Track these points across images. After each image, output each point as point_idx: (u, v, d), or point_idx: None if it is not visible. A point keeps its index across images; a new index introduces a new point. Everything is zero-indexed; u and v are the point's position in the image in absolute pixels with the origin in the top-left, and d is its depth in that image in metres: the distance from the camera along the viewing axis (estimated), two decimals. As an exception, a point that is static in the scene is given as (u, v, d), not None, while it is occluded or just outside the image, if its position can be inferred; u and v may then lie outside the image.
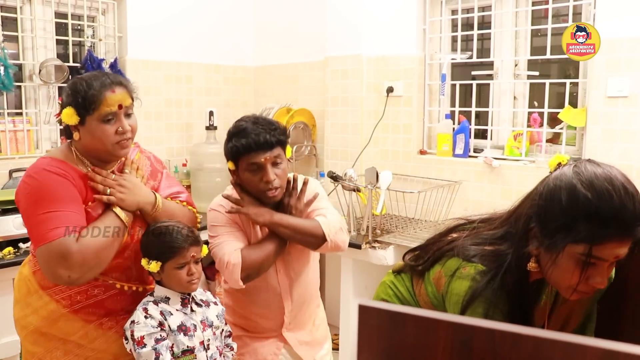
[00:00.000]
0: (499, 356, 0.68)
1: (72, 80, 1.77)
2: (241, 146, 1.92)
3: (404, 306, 0.70)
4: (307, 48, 4.09)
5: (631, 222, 1.20)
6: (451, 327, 0.70)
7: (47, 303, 1.77)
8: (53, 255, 1.62)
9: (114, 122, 1.73)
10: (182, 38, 4.07)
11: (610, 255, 1.23)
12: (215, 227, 2.02)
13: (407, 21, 3.63)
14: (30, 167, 1.74)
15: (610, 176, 1.25)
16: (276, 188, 1.96)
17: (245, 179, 1.98)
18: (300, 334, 2.17)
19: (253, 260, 1.92)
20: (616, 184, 1.23)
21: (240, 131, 1.95)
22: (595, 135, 2.89)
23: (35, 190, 1.67)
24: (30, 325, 1.80)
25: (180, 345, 1.78)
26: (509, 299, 1.36)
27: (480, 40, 3.54)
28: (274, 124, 1.99)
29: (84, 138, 1.75)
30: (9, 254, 2.71)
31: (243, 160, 1.95)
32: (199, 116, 4.17)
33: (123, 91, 1.76)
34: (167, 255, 1.78)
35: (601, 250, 1.22)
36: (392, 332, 0.73)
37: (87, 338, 1.81)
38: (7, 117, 3.35)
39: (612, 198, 1.21)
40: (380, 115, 3.67)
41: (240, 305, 2.14)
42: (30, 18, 3.42)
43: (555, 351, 0.66)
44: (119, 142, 1.75)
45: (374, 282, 3.30)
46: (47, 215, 1.64)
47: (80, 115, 1.71)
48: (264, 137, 1.91)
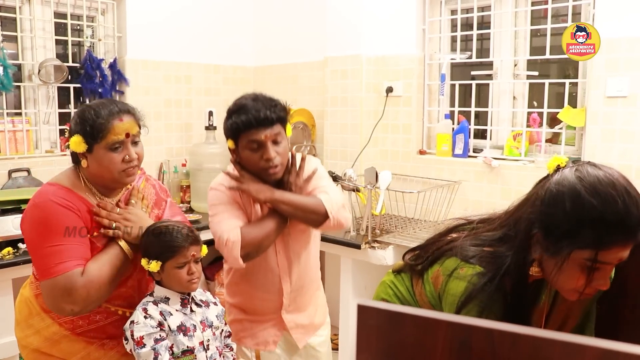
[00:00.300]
0: (498, 356, 0.68)
1: (81, 108, 1.78)
2: (241, 123, 1.90)
3: (403, 306, 0.70)
4: (306, 48, 4.09)
5: (635, 226, 1.22)
6: (450, 327, 0.70)
7: (49, 325, 1.79)
8: (58, 289, 1.64)
9: (121, 150, 1.75)
10: (182, 38, 4.07)
11: (615, 259, 1.24)
12: (215, 206, 2.00)
13: (406, 21, 3.63)
14: (36, 195, 1.74)
15: (613, 180, 1.25)
16: (277, 166, 1.95)
17: (245, 157, 1.96)
18: (298, 317, 2.16)
19: (252, 238, 1.89)
20: (619, 189, 1.23)
21: (240, 108, 1.93)
22: (595, 135, 2.89)
23: (41, 222, 1.68)
24: (31, 345, 1.82)
25: (180, 346, 1.78)
26: (505, 301, 1.36)
27: (480, 40, 3.54)
28: (274, 100, 1.97)
29: (91, 166, 1.76)
30: (8, 254, 2.71)
31: (243, 138, 1.94)
32: (198, 116, 4.17)
33: (130, 119, 1.78)
34: (167, 255, 1.78)
35: (607, 255, 1.23)
36: (391, 332, 0.72)
37: (89, 358, 1.82)
38: (7, 117, 3.34)
39: (617, 203, 1.21)
40: (380, 116, 3.67)
41: (240, 287, 2.13)
42: (30, 18, 3.42)
43: (553, 351, 0.66)
44: (126, 169, 1.76)
45: (373, 282, 3.30)
46: (52, 248, 1.65)
47: (88, 144, 1.72)
48: (264, 114, 1.90)
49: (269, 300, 2.11)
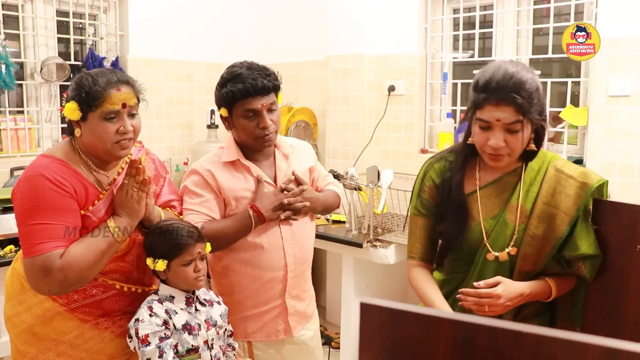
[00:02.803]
0: (501, 354, 0.69)
1: (79, 75, 1.73)
2: (238, 91, 1.92)
3: (406, 304, 0.70)
4: (308, 47, 4.09)
5: (496, 88, 1.55)
6: (453, 324, 0.70)
7: (42, 301, 1.74)
8: (35, 269, 1.61)
9: (116, 120, 1.69)
10: (184, 36, 4.07)
11: (492, 117, 1.57)
12: (190, 193, 2.02)
13: (408, 20, 3.63)
14: (29, 167, 1.70)
15: (499, 62, 1.62)
16: (271, 133, 1.99)
17: (239, 125, 1.98)
18: (298, 304, 2.17)
19: (212, 237, 1.91)
20: (496, 65, 1.61)
21: (235, 76, 1.94)
22: (597, 134, 2.89)
23: (30, 197, 1.64)
24: (23, 324, 1.77)
25: (185, 345, 1.77)
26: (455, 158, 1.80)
27: (482, 39, 3.54)
28: (268, 69, 2.00)
29: (84, 135, 1.71)
30: (10, 252, 2.72)
31: (239, 106, 1.95)
32: (200, 115, 4.17)
33: (129, 90, 1.73)
34: (173, 253, 1.77)
35: (484, 113, 1.59)
36: (394, 330, 0.73)
37: (82, 338, 1.78)
38: (9, 116, 3.35)
39: (485, 72, 1.60)
40: (382, 114, 3.67)
41: (244, 276, 2.10)
42: (32, 16, 3.42)
43: (557, 349, 0.66)
44: (119, 141, 1.70)
45: (375, 281, 3.31)
46: (36, 226, 1.62)
47: (83, 111, 1.67)
48: (262, 82, 1.92)
49: (274, 279, 2.09)
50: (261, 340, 2.14)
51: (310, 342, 2.27)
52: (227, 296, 2.11)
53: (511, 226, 1.69)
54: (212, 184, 2.01)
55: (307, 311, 2.24)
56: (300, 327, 2.20)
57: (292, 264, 2.10)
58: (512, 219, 1.69)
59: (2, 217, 2.81)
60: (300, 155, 2.20)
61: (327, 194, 2.23)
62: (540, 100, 1.60)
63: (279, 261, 2.07)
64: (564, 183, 1.67)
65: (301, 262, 2.14)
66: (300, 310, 2.18)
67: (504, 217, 1.70)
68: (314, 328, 2.30)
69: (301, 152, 2.22)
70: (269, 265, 2.06)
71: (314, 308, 2.32)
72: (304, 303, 2.21)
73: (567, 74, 3.35)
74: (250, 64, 1.98)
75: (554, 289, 1.69)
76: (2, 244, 2.78)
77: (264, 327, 2.13)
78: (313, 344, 2.28)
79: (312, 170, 2.24)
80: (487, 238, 1.70)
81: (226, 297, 2.10)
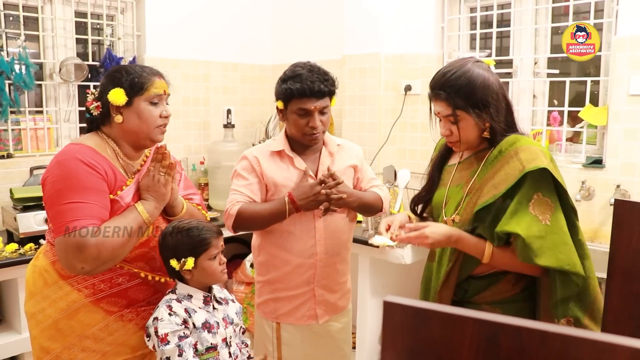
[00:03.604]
0: (526, 354, 0.68)
1: (118, 67, 1.86)
2: (296, 90, 2.07)
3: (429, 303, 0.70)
4: (324, 46, 4.08)
5: (431, 87, 1.82)
6: (477, 323, 0.69)
7: (67, 293, 1.77)
8: (70, 246, 1.64)
9: (159, 105, 1.84)
10: (200, 37, 4.09)
11: (435, 111, 1.85)
12: (238, 175, 2.20)
13: (425, 19, 3.61)
14: (61, 152, 1.75)
15: (451, 62, 1.88)
16: (319, 133, 2.15)
17: (291, 120, 2.14)
18: (327, 295, 2.27)
19: (244, 218, 2.10)
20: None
21: (296, 75, 2.09)
22: (617, 134, 2.85)
23: (62, 178, 1.69)
24: (48, 319, 1.79)
25: (205, 343, 1.77)
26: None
27: (499, 39, 3.51)
28: (327, 74, 2.15)
29: (127, 120, 1.80)
30: (30, 250, 2.74)
31: (294, 103, 2.10)
32: (216, 114, 4.19)
33: (164, 80, 1.89)
34: (200, 249, 1.79)
35: (434, 107, 1.86)
36: (417, 329, 0.72)
37: (107, 330, 1.81)
38: (28, 115, 3.38)
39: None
40: (398, 114, 3.66)
41: (274, 260, 2.24)
42: (51, 17, 3.46)
43: (583, 350, 0.65)
44: (160, 126, 1.84)
45: (391, 282, 3.29)
46: (69, 205, 1.66)
47: (129, 96, 1.78)
48: (318, 86, 2.07)
49: (304, 266, 2.20)
50: (289, 323, 2.27)
51: (339, 335, 2.35)
52: (262, 275, 2.30)
53: (460, 196, 1.87)
54: (257, 170, 2.18)
55: (337, 303, 2.33)
56: (327, 316, 2.30)
57: (323, 253, 2.21)
58: (464, 190, 1.86)
59: (22, 215, 2.84)
60: (346, 155, 2.31)
61: (366, 193, 2.29)
62: (480, 94, 1.75)
63: (309, 249, 2.20)
64: (511, 164, 1.75)
65: (332, 254, 2.24)
66: (329, 300, 2.28)
67: (459, 187, 1.89)
68: (344, 322, 2.38)
69: (348, 152, 2.33)
70: (299, 251, 2.19)
71: (347, 302, 2.40)
72: (335, 295, 2.30)
73: (585, 73, 3.32)
74: (313, 67, 2.13)
75: (487, 251, 1.76)
76: (22, 242, 2.81)
77: (293, 311, 2.25)
78: (341, 337, 2.37)
79: (355, 169, 2.33)
80: (445, 204, 1.92)
81: (261, 276, 2.30)
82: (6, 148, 3.31)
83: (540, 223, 1.70)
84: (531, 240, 1.68)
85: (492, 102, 1.77)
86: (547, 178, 1.72)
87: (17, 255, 2.71)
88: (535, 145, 1.80)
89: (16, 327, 2.84)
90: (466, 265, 1.85)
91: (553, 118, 3.23)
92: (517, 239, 1.71)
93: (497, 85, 1.80)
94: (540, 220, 1.70)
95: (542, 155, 1.74)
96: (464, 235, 1.80)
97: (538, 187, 1.72)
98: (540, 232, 1.69)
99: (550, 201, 1.72)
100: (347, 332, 2.41)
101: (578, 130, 3.16)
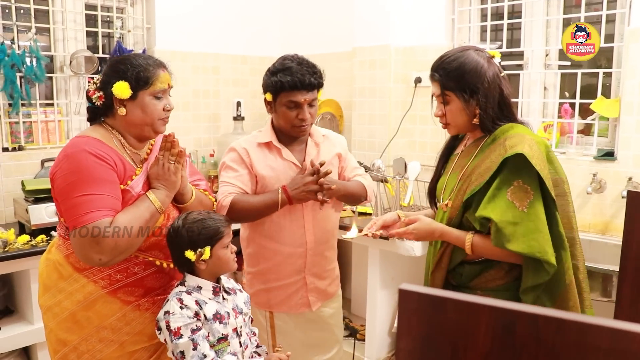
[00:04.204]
0: (543, 341, 0.67)
1: (122, 57, 1.84)
2: (286, 82, 2.10)
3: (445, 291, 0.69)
4: (334, 39, 4.08)
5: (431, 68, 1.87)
6: (493, 311, 0.69)
7: (83, 285, 1.78)
8: (87, 238, 1.65)
9: (162, 99, 1.84)
10: (210, 29, 4.09)
11: (432, 91, 1.91)
12: (227, 167, 2.23)
13: (435, 11, 3.59)
14: (68, 146, 1.75)
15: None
16: (307, 125, 2.18)
17: (280, 112, 2.17)
18: (318, 282, 2.34)
19: (237, 210, 2.11)
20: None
21: (286, 68, 2.12)
22: (629, 126, 2.83)
23: (73, 171, 1.69)
24: (65, 312, 1.80)
25: (216, 334, 1.77)
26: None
27: (510, 30, 3.49)
28: (315, 67, 2.18)
29: (130, 113, 1.80)
30: (42, 242, 2.76)
31: (283, 96, 2.13)
32: (226, 107, 4.19)
33: (168, 72, 1.89)
34: (216, 238, 1.80)
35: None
36: (433, 317, 0.72)
37: (124, 320, 1.82)
38: (39, 108, 3.40)
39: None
40: (408, 106, 3.64)
41: (264, 250, 2.28)
42: (61, 10, 3.47)
43: (601, 337, 0.65)
44: (163, 118, 1.85)
45: (400, 273, 3.29)
46: (82, 198, 1.67)
47: (134, 90, 1.77)
48: (309, 79, 2.11)
49: (294, 255, 2.26)
50: (282, 312, 2.33)
51: (331, 320, 2.43)
52: (252, 266, 2.34)
53: (454, 182, 1.90)
54: (247, 161, 2.21)
55: (327, 290, 2.39)
56: (319, 303, 2.37)
57: (312, 242, 2.27)
58: (458, 177, 1.89)
59: (34, 207, 2.86)
60: (330, 144, 2.35)
61: (351, 182, 2.32)
62: (470, 78, 1.80)
63: (299, 238, 2.25)
64: (497, 151, 1.78)
65: (321, 242, 2.30)
66: (320, 287, 2.35)
67: (455, 175, 1.92)
68: (335, 307, 2.45)
69: (332, 141, 2.37)
70: (289, 241, 2.24)
71: (337, 288, 2.47)
72: (324, 281, 2.36)
73: (597, 65, 3.29)
74: (301, 60, 2.16)
75: (467, 242, 1.79)
76: (34, 234, 2.82)
77: (285, 300, 2.31)
78: (333, 322, 2.45)
79: (340, 157, 2.36)
80: (443, 190, 1.96)
81: (251, 267, 2.35)
82: (17, 140, 3.33)
83: (516, 209, 1.70)
84: (503, 225, 1.70)
85: (481, 89, 1.80)
86: (529, 165, 1.71)
87: (28, 246, 2.73)
88: (528, 133, 1.80)
89: (28, 317, 2.86)
90: (458, 249, 1.86)
91: (564, 110, 3.21)
92: (492, 224, 1.73)
93: (491, 75, 1.81)
94: (516, 206, 1.70)
95: (527, 142, 1.73)
96: (447, 230, 1.85)
97: (519, 174, 1.72)
98: (515, 219, 1.69)
99: (530, 189, 1.72)
100: (339, 316, 2.49)
101: (589, 123, 3.14)
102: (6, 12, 3.24)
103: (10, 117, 3.29)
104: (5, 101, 3.24)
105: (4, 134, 3.26)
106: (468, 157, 1.90)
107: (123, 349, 1.84)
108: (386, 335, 3.29)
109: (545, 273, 1.71)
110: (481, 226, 1.78)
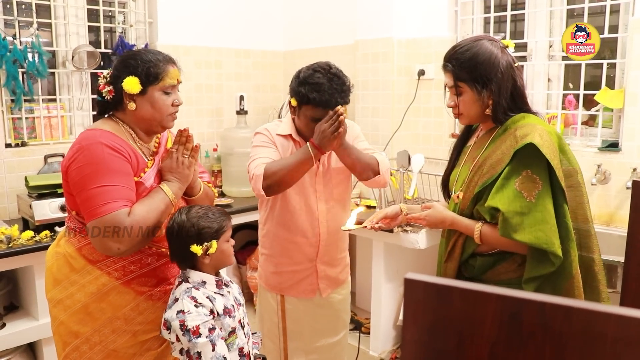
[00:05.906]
0: (550, 329, 0.67)
1: (133, 52, 1.87)
2: (312, 99, 2.08)
3: (451, 280, 0.69)
4: (336, 32, 4.06)
5: (444, 59, 1.88)
6: (500, 300, 0.68)
7: (97, 277, 1.80)
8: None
9: (171, 94, 1.86)
10: (212, 23, 4.08)
11: (445, 82, 1.91)
12: (256, 147, 2.25)
13: (438, 3, 3.58)
14: (82, 138, 1.76)
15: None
16: None
17: (302, 120, 2.18)
18: (329, 269, 2.38)
19: (273, 172, 2.08)
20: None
21: (315, 83, 2.09)
22: (633, 117, 2.82)
23: (89, 163, 1.71)
24: (77, 304, 1.81)
25: (227, 328, 1.77)
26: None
27: (514, 22, 3.47)
28: (345, 83, 2.15)
29: (140, 108, 1.82)
30: (45, 237, 2.76)
31: (308, 109, 2.13)
32: (229, 101, 4.18)
33: (177, 68, 1.91)
34: (221, 231, 1.81)
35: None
36: (439, 306, 0.71)
37: (137, 310, 1.85)
38: (42, 104, 3.40)
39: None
40: (412, 99, 3.63)
41: (278, 235, 2.33)
42: (63, 5, 3.46)
43: (608, 325, 0.64)
44: (172, 113, 1.88)
45: (405, 266, 3.29)
46: (100, 189, 1.69)
47: (144, 85, 1.79)
48: (336, 100, 2.09)
49: (306, 244, 2.31)
50: (292, 296, 2.38)
51: (339, 305, 2.47)
52: (265, 248, 2.40)
53: (466, 174, 1.90)
54: (273, 141, 2.26)
55: (338, 277, 2.45)
56: (330, 290, 2.41)
57: (325, 234, 2.32)
58: (469, 168, 1.89)
59: (37, 202, 2.86)
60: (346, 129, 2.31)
61: (363, 152, 2.27)
62: (483, 69, 1.78)
63: (313, 229, 2.30)
64: (507, 142, 1.77)
65: (334, 233, 2.35)
66: (330, 275, 2.40)
67: (467, 166, 1.91)
68: (344, 293, 2.50)
69: (348, 127, 2.30)
70: (303, 232, 2.30)
71: (346, 275, 2.51)
72: (335, 269, 2.41)
73: (600, 55, 3.27)
74: (333, 76, 2.11)
75: (477, 231, 1.80)
76: (37, 230, 2.83)
77: (296, 285, 2.36)
78: (341, 307, 2.49)
79: (354, 140, 2.35)
80: (455, 181, 1.96)
81: (265, 249, 2.41)
82: (20, 136, 3.33)
83: (524, 199, 1.69)
84: (510, 215, 1.69)
85: (494, 80, 1.78)
86: (539, 155, 1.70)
87: (32, 242, 2.73)
88: (539, 123, 1.78)
89: (33, 313, 2.87)
90: (470, 240, 1.86)
91: (568, 101, 3.19)
92: (500, 214, 1.73)
93: (505, 65, 1.79)
94: (524, 196, 1.69)
95: (538, 132, 1.72)
96: (458, 219, 1.86)
97: (528, 164, 1.71)
98: (522, 209, 1.69)
99: (539, 179, 1.71)
100: (347, 302, 2.53)
101: (594, 114, 3.13)
102: (7, 8, 3.23)
103: (13, 113, 3.29)
104: (7, 97, 3.24)
105: (6, 130, 3.26)
106: (480, 148, 1.90)
107: (135, 338, 1.86)
108: (391, 329, 3.30)
109: (550, 264, 1.70)
110: (491, 217, 1.78)
